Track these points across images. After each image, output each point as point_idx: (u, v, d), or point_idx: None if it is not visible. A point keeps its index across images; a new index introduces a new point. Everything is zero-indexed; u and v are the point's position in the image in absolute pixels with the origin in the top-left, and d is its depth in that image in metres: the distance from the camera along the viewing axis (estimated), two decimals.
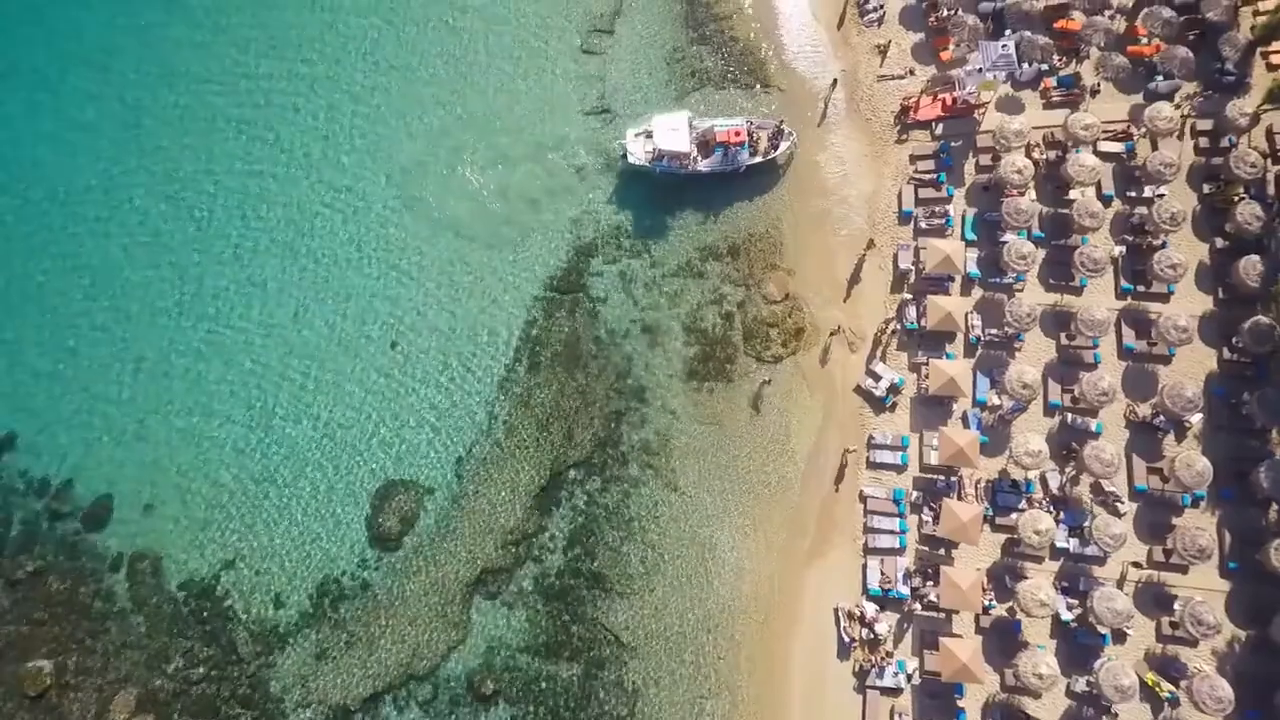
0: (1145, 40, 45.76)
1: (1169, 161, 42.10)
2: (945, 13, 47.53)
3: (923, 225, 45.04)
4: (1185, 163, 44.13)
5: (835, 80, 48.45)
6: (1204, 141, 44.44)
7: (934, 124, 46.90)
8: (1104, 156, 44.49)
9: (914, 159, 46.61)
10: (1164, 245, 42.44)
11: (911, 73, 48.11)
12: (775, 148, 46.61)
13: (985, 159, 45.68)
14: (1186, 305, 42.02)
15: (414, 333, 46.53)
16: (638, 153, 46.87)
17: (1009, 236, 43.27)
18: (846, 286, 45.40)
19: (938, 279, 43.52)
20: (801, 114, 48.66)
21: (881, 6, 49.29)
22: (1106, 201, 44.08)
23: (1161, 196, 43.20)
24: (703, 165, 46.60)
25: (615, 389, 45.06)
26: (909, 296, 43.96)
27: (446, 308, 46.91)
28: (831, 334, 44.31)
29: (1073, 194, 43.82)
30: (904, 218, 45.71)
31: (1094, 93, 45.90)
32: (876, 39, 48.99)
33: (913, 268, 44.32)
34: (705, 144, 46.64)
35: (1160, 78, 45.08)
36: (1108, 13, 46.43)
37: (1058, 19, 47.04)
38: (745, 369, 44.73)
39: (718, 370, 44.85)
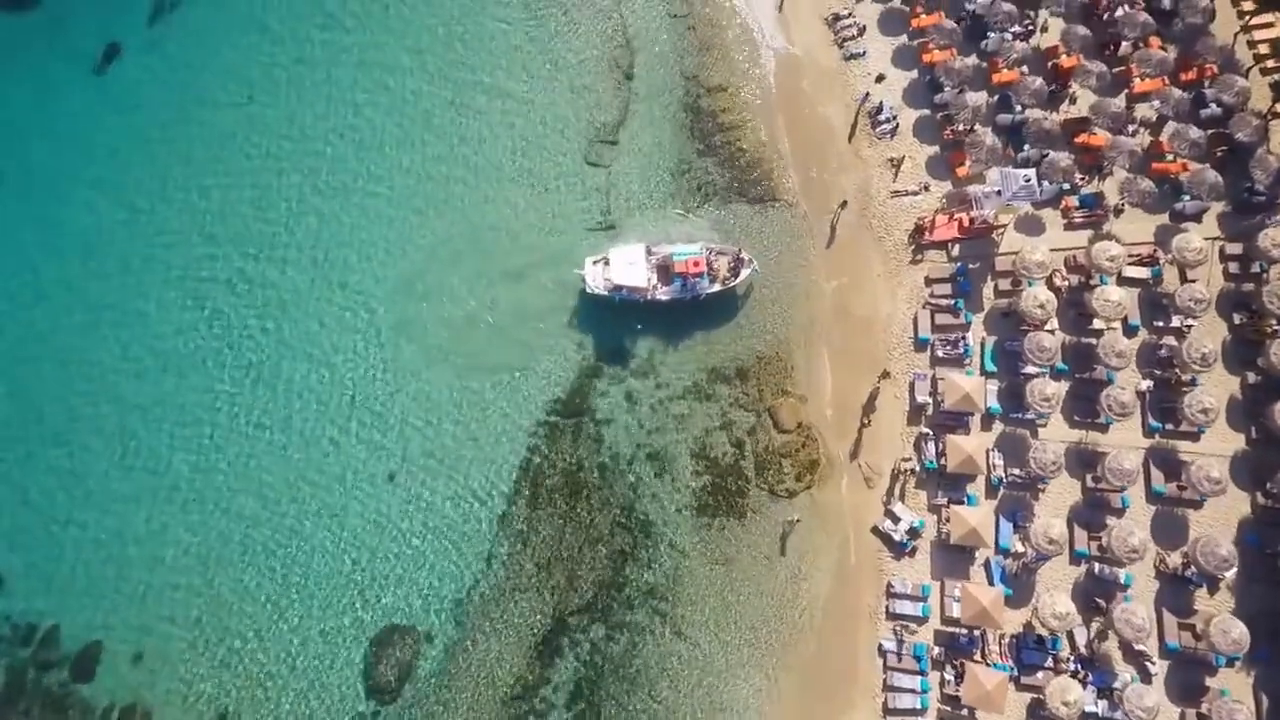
0: (1171, 157, 44.13)
1: (1199, 297, 40.31)
2: (961, 126, 45.95)
3: (940, 354, 43.32)
4: (1214, 289, 42.49)
5: (845, 202, 46.85)
6: (1234, 266, 42.69)
7: (950, 245, 45.27)
8: (1129, 282, 42.85)
9: (929, 281, 44.94)
10: (1193, 382, 40.69)
11: (926, 188, 46.45)
12: (735, 275, 45.06)
13: (1004, 283, 43.95)
14: (1218, 444, 40.18)
15: (412, 464, 44.91)
16: (596, 281, 45.34)
17: (1030, 368, 41.60)
18: (861, 416, 43.72)
19: (957, 414, 41.82)
20: (811, 231, 47.13)
21: (894, 118, 47.65)
22: (1132, 331, 42.30)
23: (1190, 327, 41.56)
24: (662, 294, 45.16)
25: (620, 524, 43.39)
26: (927, 431, 42.18)
27: (445, 437, 45.27)
28: (853, 461, 42.70)
29: (1097, 323, 42.16)
30: (920, 344, 44.00)
31: (1118, 212, 44.19)
32: (889, 152, 47.35)
33: (930, 400, 42.63)
34: (665, 268, 45.22)
35: (1187, 198, 43.36)
36: (1131, 127, 44.79)
37: (1079, 133, 45.44)
38: (758, 504, 43.02)
39: (729, 505, 43.15)
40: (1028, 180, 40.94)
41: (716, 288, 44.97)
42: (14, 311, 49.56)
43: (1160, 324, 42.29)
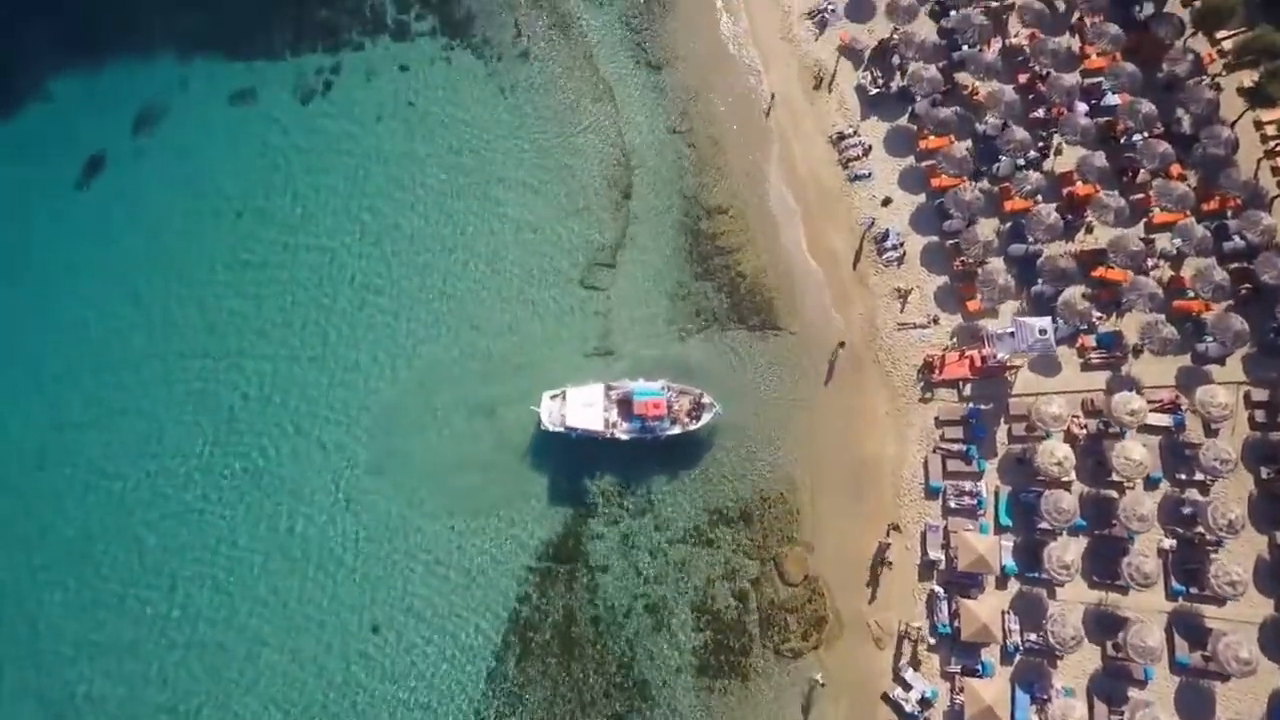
0: (1192, 294, 42.20)
1: (1225, 458, 38.30)
2: (971, 259, 44.04)
3: (952, 504, 41.32)
4: (1239, 437, 40.56)
5: (843, 343, 44.85)
6: (1260, 414, 40.76)
7: (961, 384, 43.36)
8: (1149, 429, 40.86)
9: (940, 423, 42.93)
10: (1219, 543, 38.65)
11: (935, 321, 44.51)
12: (696, 419, 43.22)
13: (1019, 428, 41.99)
14: (1246, 610, 38.14)
15: (396, 615, 42.86)
16: (553, 418, 43.32)
17: (1046, 524, 39.57)
18: (870, 570, 41.68)
19: (970, 575, 39.81)
20: (815, 364, 45.17)
21: (901, 244, 45.72)
22: (1153, 484, 40.32)
23: (1215, 481, 39.54)
24: (621, 433, 43.32)
25: (616, 684, 41.33)
26: (939, 591, 40.12)
27: (432, 584, 43.21)
28: (863, 613, 40.74)
29: (1117, 474, 40.17)
30: (931, 492, 41.98)
31: (1137, 352, 42.22)
32: (896, 281, 45.39)
33: (943, 555, 40.64)
34: (626, 403, 43.46)
35: (1210, 339, 41.43)
36: (1150, 261, 42.86)
37: (1096, 266, 43.57)
38: (762, 665, 40.97)
39: (731, 665, 41.11)
40: (1043, 333, 38.97)
41: (676, 430, 43.13)
42: None
43: (1183, 476, 40.28)
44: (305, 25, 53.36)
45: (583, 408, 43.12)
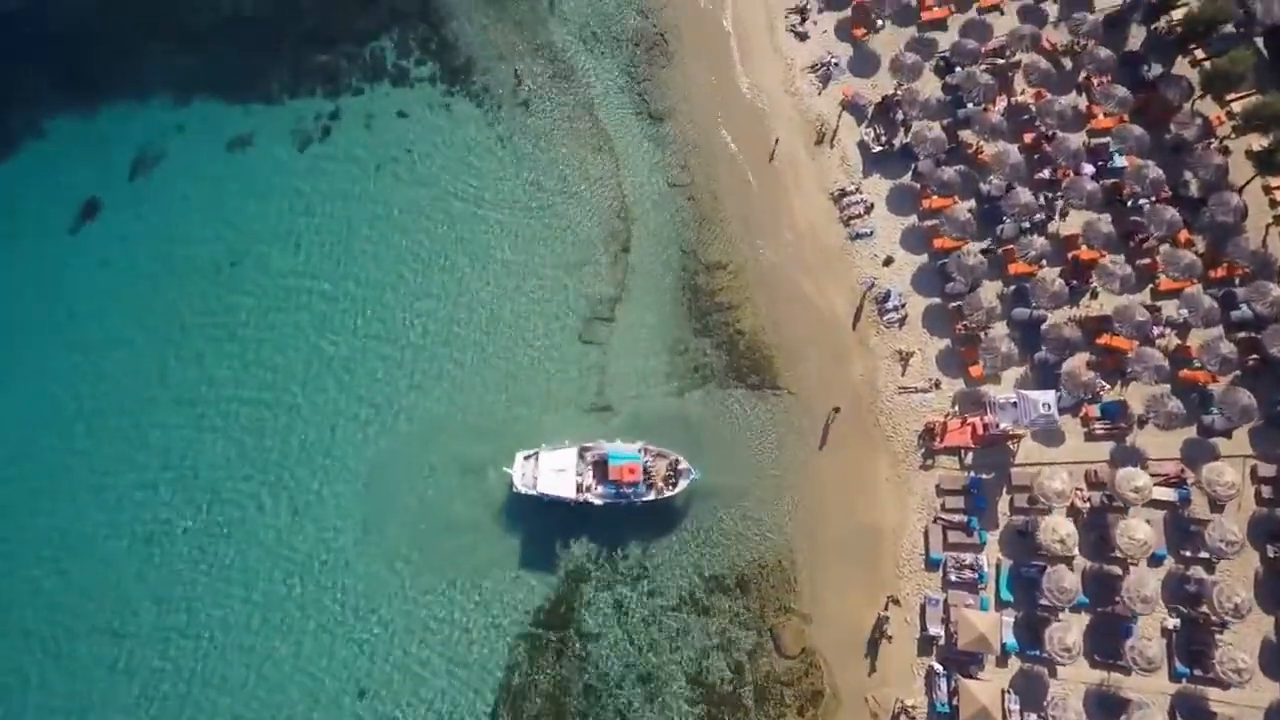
0: (1198, 364, 41.44)
1: (1230, 539, 37.52)
2: (973, 322, 43.31)
3: (952, 577, 40.53)
4: (1245, 513, 39.79)
5: (838, 408, 43.97)
6: (1267, 490, 39.99)
7: (963, 451, 42.63)
8: (1154, 504, 40.03)
9: (941, 492, 42.17)
10: (1224, 624, 37.83)
11: (937, 385, 43.78)
12: (672, 486, 42.39)
13: (1021, 499, 41.22)
14: (1252, 694, 37.30)
15: (383, 679, 41.84)
16: (526, 480, 42.37)
17: (1046, 599, 38.70)
18: (869, 643, 40.89)
19: (971, 653, 38.98)
20: (814, 426, 44.41)
21: (903, 305, 45.06)
22: (1157, 561, 39.54)
23: (1222, 557, 38.71)
24: (595, 498, 42.41)
25: None
26: (938, 667, 39.27)
27: (420, 648, 42.28)
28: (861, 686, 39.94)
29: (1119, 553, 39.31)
30: (931, 564, 41.18)
31: (1141, 423, 41.47)
32: (897, 343, 44.70)
33: (943, 630, 39.84)
34: (602, 465, 42.65)
35: (1216, 411, 40.68)
36: (1156, 329, 42.11)
37: (1101, 333, 42.85)
38: None
39: None
40: (1047, 408, 38.22)
41: (652, 497, 42.30)
42: None
43: (1188, 553, 39.49)
44: (304, 70, 52.71)
45: (553, 473, 42.26)
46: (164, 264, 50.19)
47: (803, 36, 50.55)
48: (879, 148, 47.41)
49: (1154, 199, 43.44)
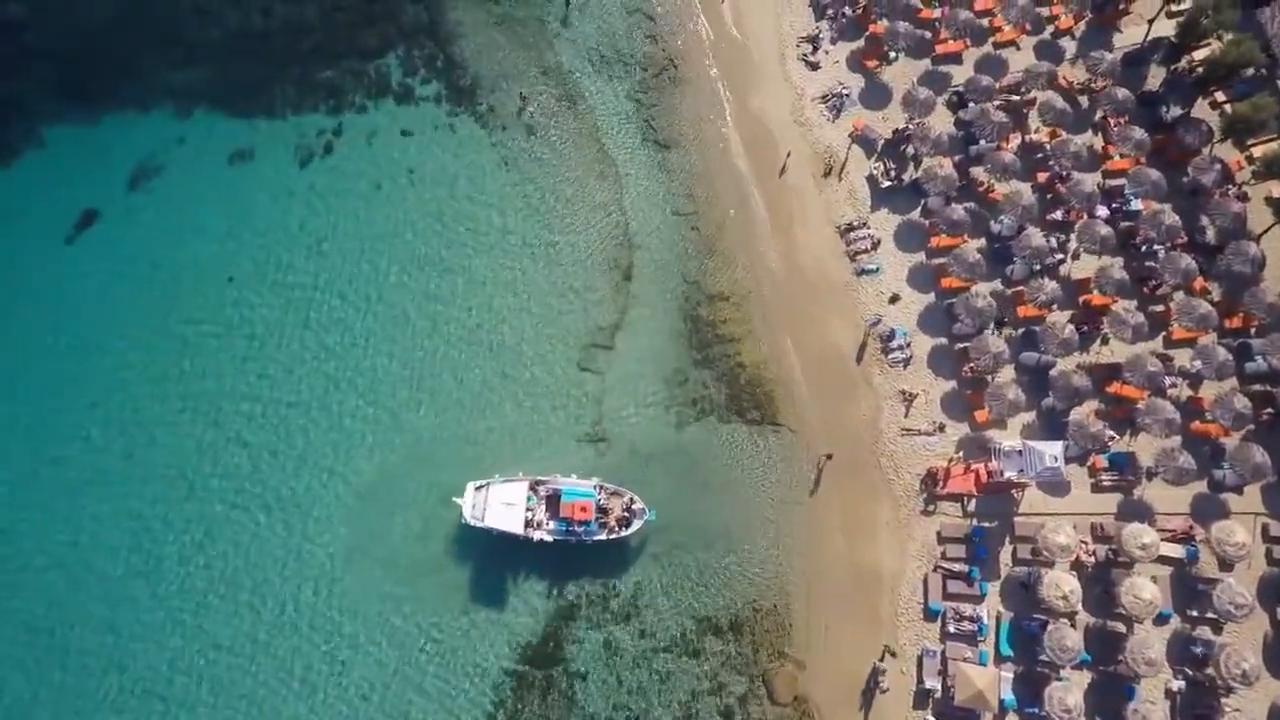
0: (1211, 417, 40.33)
1: (1240, 602, 36.36)
2: (980, 366, 42.27)
3: (951, 629, 39.44)
4: (1255, 572, 38.63)
5: (830, 455, 43.12)
6: (1278, 550, 38.80)
7: (965, 498, 41.58)
8: (1161, 560, 38.90)
9: (942, 539, 41.12)
10: (1231, 692, 36.64)
11: (941, 429, 42.73)
12: (626, 526, 41.44)
13: (1024, 550, 40.14)
14: None
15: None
16: (476, 512, 41.33)
17: (1047, 657, 37.56)
18: (863, 693, 39.77)
19: (968, 709, 37.90)
20: (813, 464, 43.47)
21: (908, 345, 44.04)
22: (1163, 620, 38.38)
23: (1231, 620, 37.55)
24: (545, 534, 41.43)
25: None
26: None
27: (402, 687, 41.33)
28: None
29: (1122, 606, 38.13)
30: (930, 614, 40.13)
31: (1150, 476, 40.36)
32: (901, 383, 43.66)
33: (939, 685, 38.74)
34: (555, 500, 41.73)
35: (1227, 466, 39.56)
36: (1169, 379, 40.98)
37: (1111, 381, 41.79)
38: None
39: None
40: (1054, 461, 37.25)
41: (603, 536, 41.33)
42: None
43: (1195, 613, 38.33)
44: (308, 84, 51.99)
45: (502, 506, 41.34)
46: (159, 276, 49.49)
47: (814, 66, 49.67)
48: (888, 182, 46.47)
49: (1169, 245, 42.39)
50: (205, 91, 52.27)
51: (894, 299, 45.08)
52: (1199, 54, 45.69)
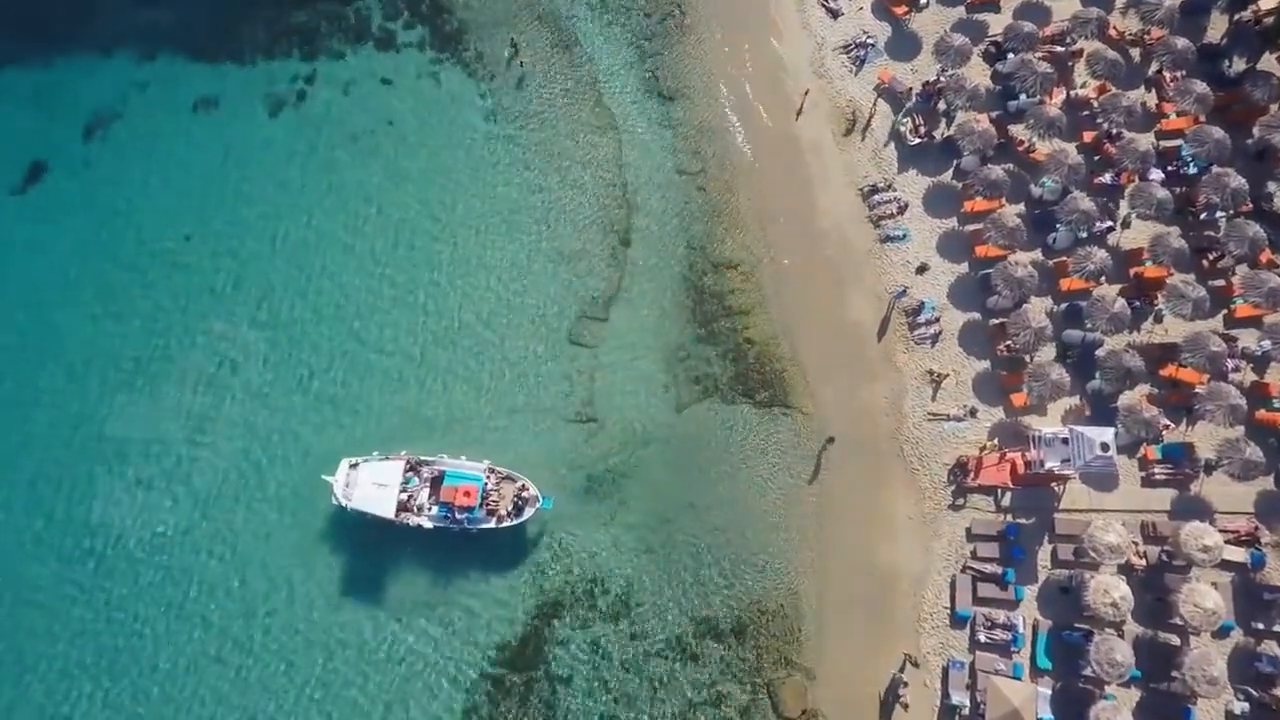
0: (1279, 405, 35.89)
1: None
2: (1018, 343, 37.77)
3: (981, 638, 34.99)
4: None
5: (832, 438, 38.98)
6: None
7: (1000, 491, 37.14)
8: (1221, 565, 34.39)
9: (972, 537, 36.67)
10: None
11: (973, 414, 38.25)
12: (517, 515, 37.48)
13: (1065, 550, 35.72)
14: None
15: None
16: (346, 493, 37.41)
17: (1092, 671, 33.10)
18: (881, 707, 35.40)
19: None
20: (829, 451, 39.07)
21: (937, 320, 39.61)
22: (1224, 633, 33.94)
23: None
24: (424, 520, 37.43)
25: None
26: None
27: (369, 690, 37.07)
28: None
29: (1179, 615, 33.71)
30: (958, 620, 35.72)
31: (1209, 470, 35.88)
32: (929, 362, 39.21)
33: (968, 700, 34.34)
34: (437, 482, 37.79)
35: None
36: (1231, 362, 36.49)
37: (1165, 362, 37.30)
38: None
39: None
40: (1105, 449, 32.77)
41: (491, 524, 37.34)
42: None
43: (1260, 626, 33.90)
44: (280, 28, 47.50)
45: (373, 487, 37.34)
46: (111, 232, 45.07)
47: (835, 13, 45.13)
48: (917, 140, 41.92)
49: (1233, 212, 37.92)
50: (169, 34, 47.83)
51: (922, 269, 40.55)
52: (1267, 2, 41.12)
